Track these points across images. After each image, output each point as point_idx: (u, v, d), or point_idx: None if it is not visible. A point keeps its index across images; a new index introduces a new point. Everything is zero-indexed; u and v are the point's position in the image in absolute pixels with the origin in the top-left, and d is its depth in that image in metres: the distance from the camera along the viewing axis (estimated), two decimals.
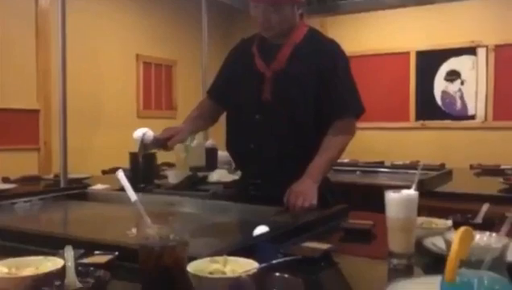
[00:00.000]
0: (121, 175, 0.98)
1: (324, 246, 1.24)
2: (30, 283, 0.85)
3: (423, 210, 1.40)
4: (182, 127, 2.01)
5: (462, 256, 0.60)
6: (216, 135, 2.18)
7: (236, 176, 2.56)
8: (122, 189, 2.15)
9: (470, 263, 0.63)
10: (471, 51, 5.26)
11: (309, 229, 1.46)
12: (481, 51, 5.22)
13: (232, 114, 2.01)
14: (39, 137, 4.39)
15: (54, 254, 1.01)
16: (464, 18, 5.28)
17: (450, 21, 5.34)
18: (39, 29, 4.38)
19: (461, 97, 5.35)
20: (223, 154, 2.26)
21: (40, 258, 1.01)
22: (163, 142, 1.91)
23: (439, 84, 5.44)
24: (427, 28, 5.46)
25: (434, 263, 1.10)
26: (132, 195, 0.95)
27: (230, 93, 1.98)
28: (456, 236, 0.60)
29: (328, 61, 1.83)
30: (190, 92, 5.47)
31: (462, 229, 0.61)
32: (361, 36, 5.83)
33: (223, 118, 2.11)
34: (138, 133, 1.93)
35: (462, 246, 0.59)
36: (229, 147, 2.03)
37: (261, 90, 1.84)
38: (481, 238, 0.65)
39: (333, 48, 1.89)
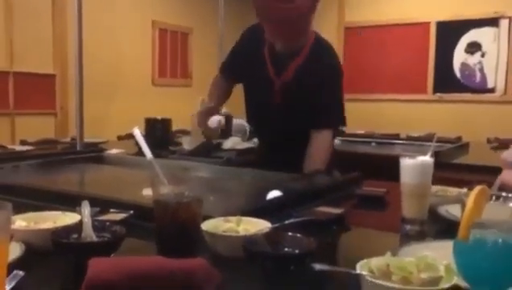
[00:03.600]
0: (137, 132, 0.99)
1: (337, 210, 1.25)
2: (48, 235, 0.87)
3: (438, 181, 1.40)
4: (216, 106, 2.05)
5: (477, 214, 0.60)
6: (231, 103, 2.19)
7: (250, 144, 2.57)
8: (138, 154, 2.19)
9: (485, 223, 0.62)
10: (493, 22, 5.12)
11: (323, 195, 1.46)
12: (504, 23, 5.07)
13: (247, 102, 2.09)
14: (55, 102, 4.43)
15: (71, 211, 1.03)
16: None
17: None
18: None
19: (481, 70, 5.24)
20: (237, 122, 2.28)
21: (58, 213, 1.03)
22: None
23: (459, 56, 5.33)
24: None
25: (447, 229, 1.10)
26: (148, 153, 0.96)
27: (243, 82, 2.07)
28: (471, 194, 0.60)
29: (326, 77, 1.91)
30: (205, 60, 5.44)
31: (478, 187, 0.60)
32: (381, 6, 5.72)
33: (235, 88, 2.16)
34: (215, 120, 1.91)
35: (477, 205, 0.59)
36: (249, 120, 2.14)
37: (272, 95, 1.93)
38: (498, 199, 0.65)
39: (332, 65, 1.96)
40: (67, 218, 1.00)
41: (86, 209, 0.95)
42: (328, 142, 1.95)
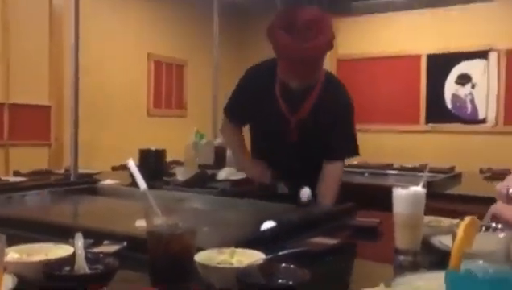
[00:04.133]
0: (131, 163, 1.00)
1: (331, 241, 1.25)
2: (40, 267, 0.86)
3: (431, 212, 1.41)
4: (258, 162, 2.11)
5: (467, 244, 0.61)
6: None
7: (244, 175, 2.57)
8: (132, 185, 2.19)
9: (475, 253, 0.63)
10: (483, 55, 5.23)
11: (317, 226, 1.46)
12: (493, 56, 5.19)
13: (257, 137, 2.14)
14: (50, 133, 4.44)
15: (64, 243, 1.03)
16: (477, 21, 5.26)
17: (462, 24, 5.32)
18: (52, 26, 4.43)
19: (472, 101, 5.32)
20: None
21: (50, 245, 1.02)
22: None
23: (450, 88, 5.42)
24: (438, 31, 5.44)
25: (440, 260, 1.10)
26: (142, 184, 0.96)
27: (254, 122, 2.10)
28: (461, 225, 0.61)
29: (341, 114, 2.02)
30: (200, 91, 5.49)
31: (468, 218, 0.61)
32: (373, 39, 5.83)
33: None
34: (305, 194, 1.92)
35: (467, 235, 0.60)
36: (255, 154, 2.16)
37: (287, 133, 1.98)
38: (488, 229, 0.66)
39: (346, 102, 2.05)
40: (60, 250, 0.99)
41: (79, 241, 0.94)
42: (341, 172, 2.04)
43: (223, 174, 2.71)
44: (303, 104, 1.94)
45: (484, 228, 0.66)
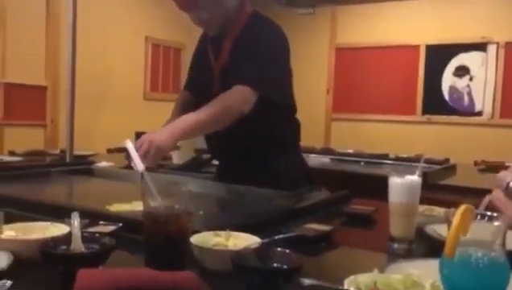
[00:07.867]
0: (129, 145, 1.00)
1: (326, 227, 1.26)
2: (37, 246, 0.87)
3: (425, 202, 1.41)
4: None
5: (462, 233, 0.61)
6: None
7: None
8: (127, 167, 2.18)
9: (470, 241, 0.64)
10: (481, 47, 5.22)
11: (311, 213, 1.47)
12: (492, 48, 5.18)
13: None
14: (46, 114, 4.42)
15: (60, 222, 1.03)
16: (476, 13, 5.25)
17: (461, 16, 5.31)
18: (49, 6, 4.38)
19: (469, 93, 5.33)
20: None
21: (46, 224, 1.03)
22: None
23: (448, 80, 5.42)
24: (438, 22, 5.42)
25: (434, 248, 1.11)
26: (139, 165, 0.96)
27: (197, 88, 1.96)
28: (457, 212, 0.61)
29: (261, 46, 1.73)
30: None
31: (463, 206, 0.62)
32: (372, 28, 5.81)
33: None
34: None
35: (463, 223, 0.60)
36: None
37: (212, 86, 1.80)
38: (483, 217, 0.66)
39: (270, 35, 1.77)
40: (56, 229, 0.99)
41: (76, 220, 0.94)
42: (234, 98, 1.63)
43: None
44: (223, 46, 1.78)
45: (479, 216, 0.66)
